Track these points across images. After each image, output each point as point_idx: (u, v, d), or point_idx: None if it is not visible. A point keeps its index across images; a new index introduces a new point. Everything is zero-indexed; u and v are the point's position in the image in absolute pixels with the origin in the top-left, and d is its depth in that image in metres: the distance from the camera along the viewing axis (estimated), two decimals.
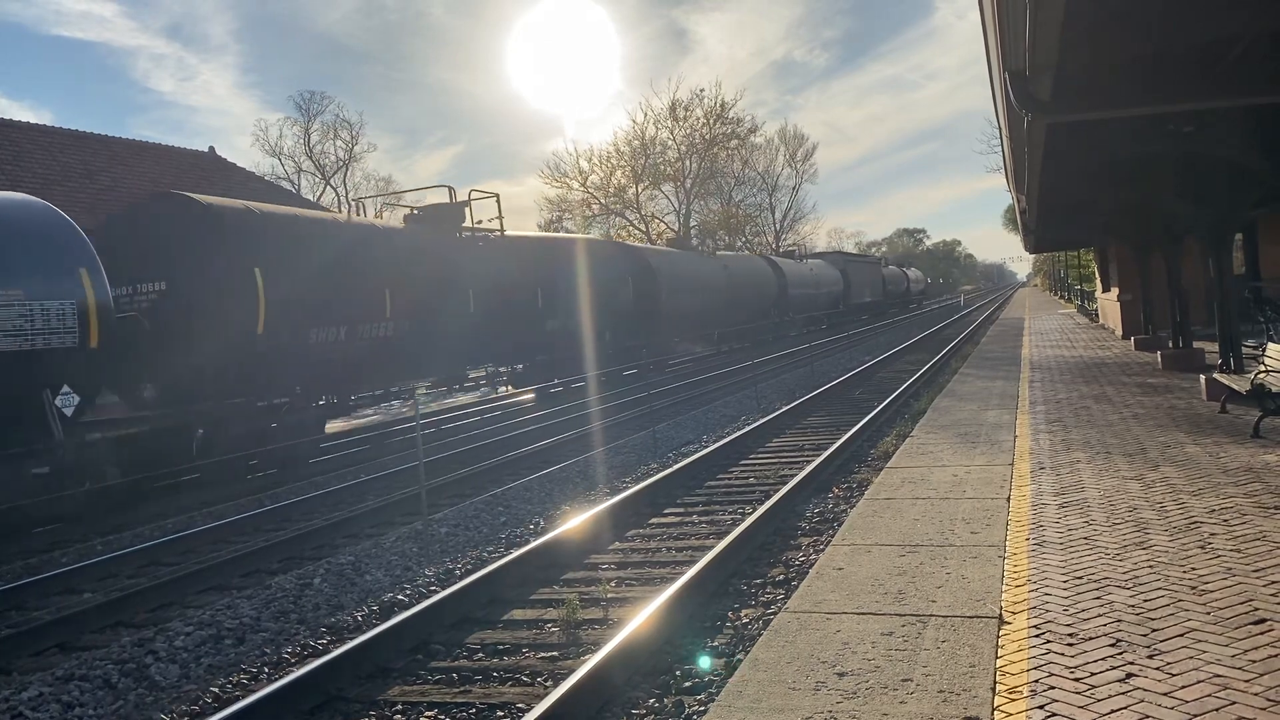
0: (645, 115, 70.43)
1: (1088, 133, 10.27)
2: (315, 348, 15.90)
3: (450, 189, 22.38)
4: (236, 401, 14.86)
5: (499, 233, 23.12)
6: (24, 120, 28.71)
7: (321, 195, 70.02)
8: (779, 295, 44.74)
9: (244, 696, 5.89)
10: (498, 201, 23.33)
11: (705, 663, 6.00)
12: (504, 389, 27.07)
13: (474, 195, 22.70)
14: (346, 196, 72.11)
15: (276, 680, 6.06)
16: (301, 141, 72.39)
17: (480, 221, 22.68)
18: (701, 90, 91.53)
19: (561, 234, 43.23)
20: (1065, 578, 5.65)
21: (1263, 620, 4.75)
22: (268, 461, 15.28)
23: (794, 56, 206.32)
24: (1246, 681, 4.08)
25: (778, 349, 36.83)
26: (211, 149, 34.42)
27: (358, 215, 21.31)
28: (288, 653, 7.09)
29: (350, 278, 16.72)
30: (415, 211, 21.88)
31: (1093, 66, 7.85)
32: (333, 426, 22.19)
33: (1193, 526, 6.56)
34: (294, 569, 9.42)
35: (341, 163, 73.39)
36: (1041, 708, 3.97)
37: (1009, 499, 7.80)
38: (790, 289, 45.84)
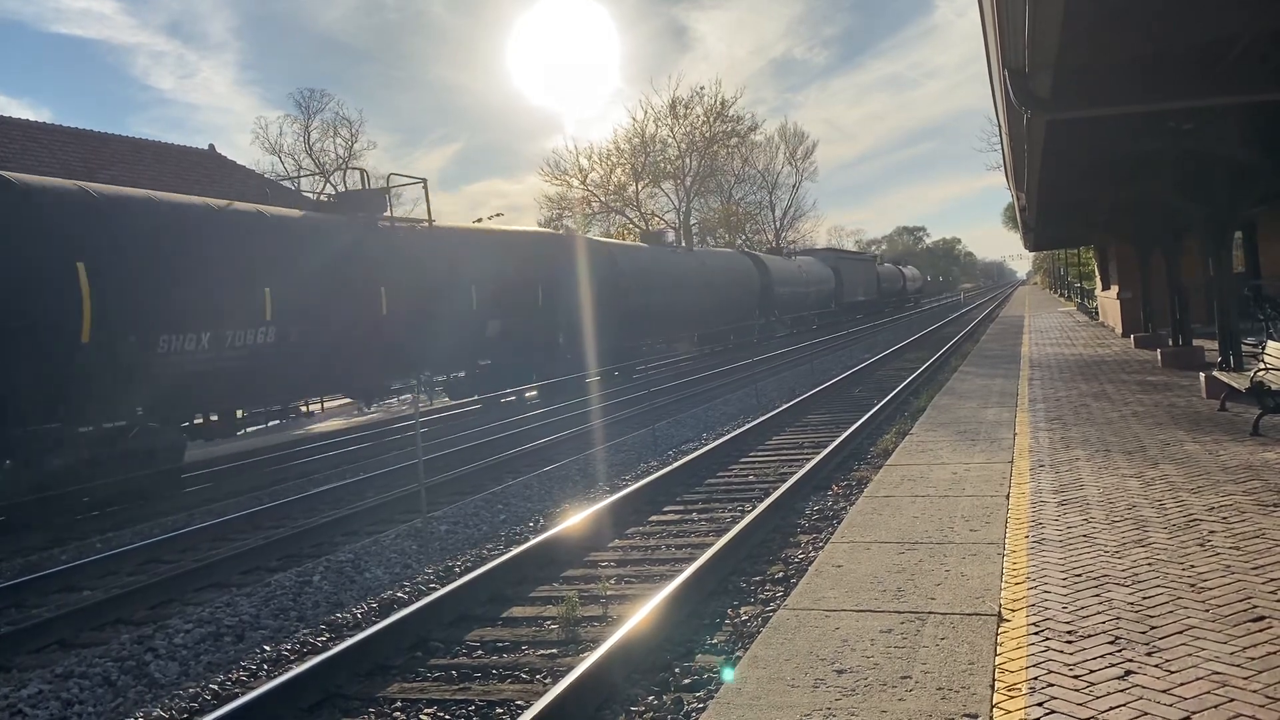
0: (645, 113, 70.77)
1: (1087, 130, 10.26)
2: (166, 359, 13.43)
3: (362, 172, 20.74)
4: (51, 427, 12.38)
5: (426, 223, 20.54)
6: (23, 118, 28.74)
7: (321, 193, 69.96)
8: (763, 294, 42.49)
9: (243, 694, 5.89)
10: (425, 187, 21.10)
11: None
12: (429, 401, 24.93)
13: (394, 180, 20.99)
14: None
15: (276, 677, 6.06)
16: (302, 139, 72.34)
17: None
18: (702, 88, 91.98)
19: (511, 227, 40.41)
20: (1064, 575, 5.65)
21: (1262, 618, 4.75)
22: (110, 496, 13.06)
23: (794, 54, 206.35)
24: (1245, 679, 4.08)
25: (760, 352, 34.78)
26: (211, 146, 34.45)
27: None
28: (287, 650, 7.09)
29: (220, 274, 14.35)
30: (324, 198, 19.77)
31: (1092, 64, 7.85)
32: (328, 426, 22.18)
33: (1192, 524, 6.56)
34: (294, 566, 9.43)
35: (342, 161, 73.31)
36: (1040, 705, 3.97)
37: (1008, 496, 7.80)
38: (776, 287, 43.71)
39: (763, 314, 42.93)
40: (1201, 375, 12.98)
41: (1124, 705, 3.91)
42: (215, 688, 6.41)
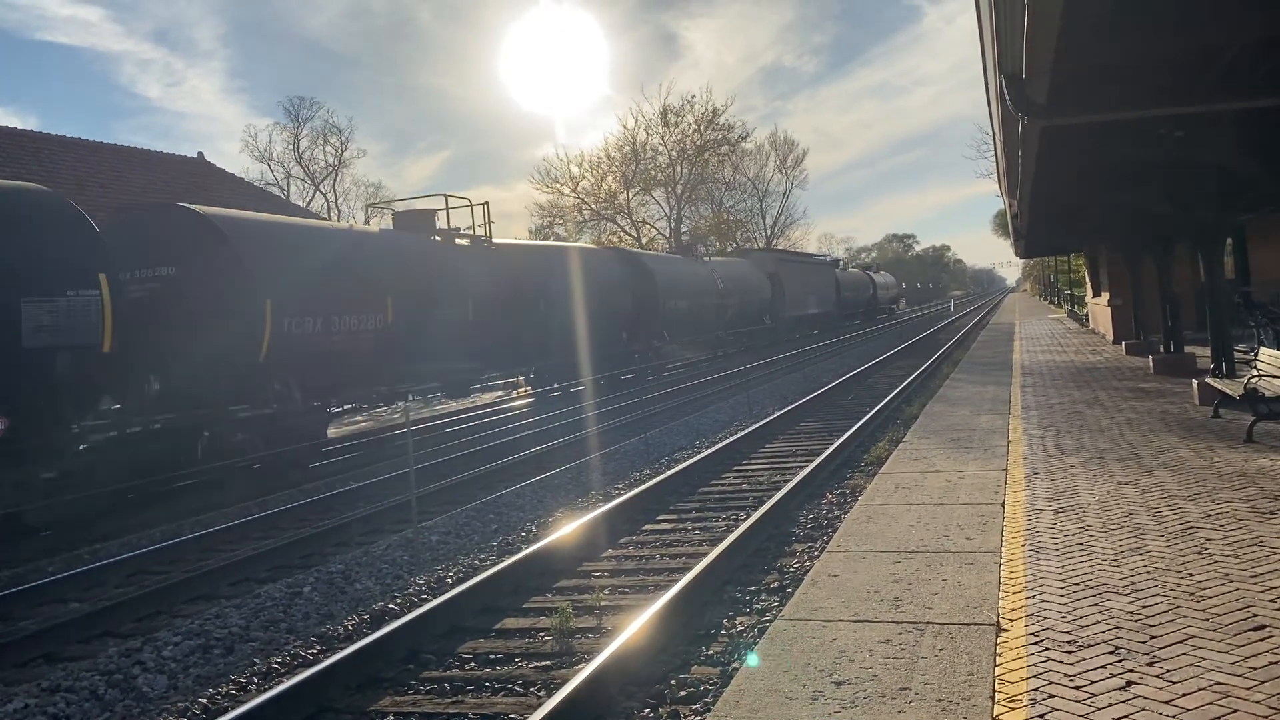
0: (636, 121, 70.64)
1: (1081, 137, 10.28)
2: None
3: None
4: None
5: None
6: (11, 126, 28.58)
7: (311, 201, 69.89)
8: (640, 308, 29.45)
9: (233, 708, 5.80)
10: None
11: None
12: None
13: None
14: (336, 202, 72.12)
15: (266, 691, 5.98)
16: (291, 147, 72.35)
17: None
18: (692, 96, 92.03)
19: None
20: (1062, 584, 5.61)
21: (1262, 626, 4.72)
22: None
23: (783, 62, 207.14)
24: (1248, 689, 4.04)
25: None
26: (200, 155, 34.33)
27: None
28: (277, 663, 7.00)
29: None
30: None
31: (1088, 70, 7.84)
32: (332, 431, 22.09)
33: (1189, 532, 6.53)
34: (283, 577, 9.34)
35: (331, 168, 73.37)
36: (1041, 716, 3.92)
37: (1004, 504, 7.76)
38: (666, 300, 30.94)
39: (640, 337, 29.97)
40: (1194, 382, 12.98)
41: (1126, 716, 3.86)
42: (204, 702, 6.33)
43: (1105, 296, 27.65)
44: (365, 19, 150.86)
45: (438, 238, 21.29)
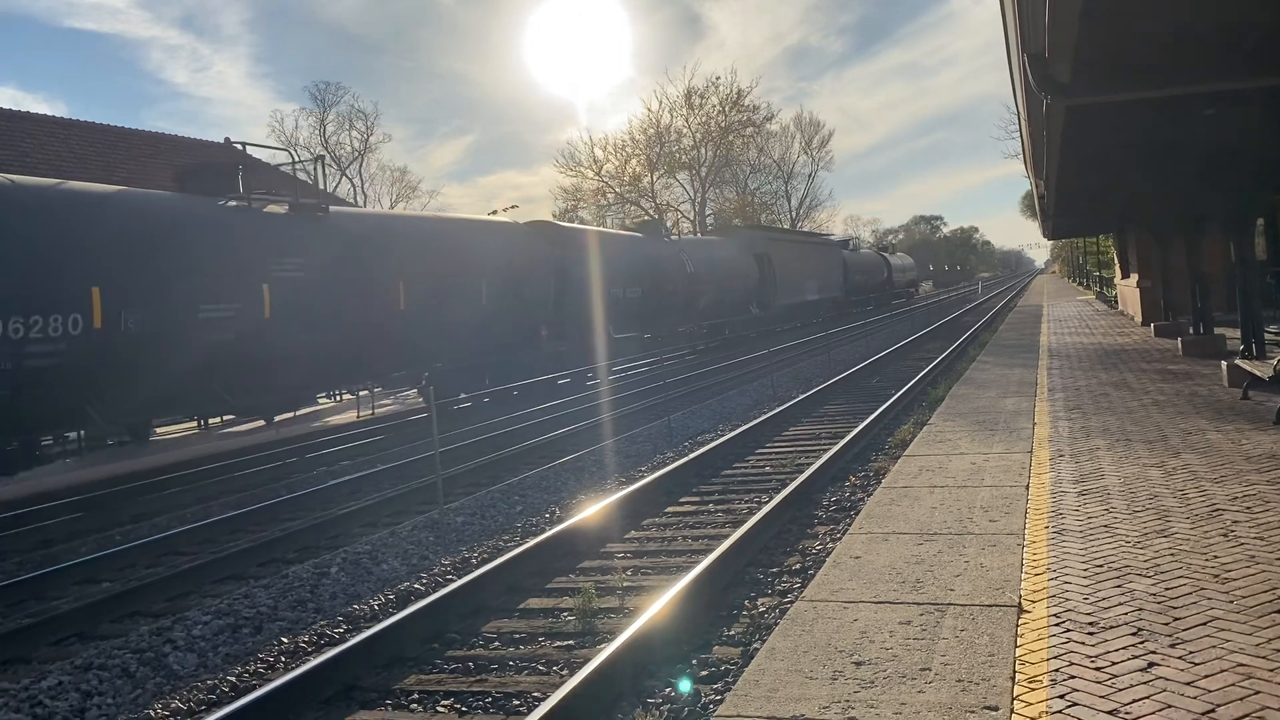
0: (660, 103, 70.32)
1: (1107, 116, 10.14)
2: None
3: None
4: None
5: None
6: (39, 112, 28.89)
7: (337, 186, 70.20)
8: (570, 298, 23.75)
9: (261, 685, 5.90)
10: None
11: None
12: None
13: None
14: (362, 187, 72.39)
15: (293, 669, 6.07)
16: (317, 132, 72.63)
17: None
18: (717, 78, 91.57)
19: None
20: (1085, 566, 5.59)
21: None
22: None
23: (809, 42, 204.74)
24: (1271, 671, 4.02)
25: None
26: (227, 140, 34.51)
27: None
28: (305, 641, 7.10)
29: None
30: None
31: (1112, 49, 7.74)
32: (341, 419, 22.28)
33: (1215, 514, 6.49)
34: (310, 558, 9.45)
35: (357, 153, 73.61)
36: (1062, 697, 3.92)
37: (1028, 487, 7.73)
38: (607, 286, 25.10)
39: (568, 335, 24.30)
40: (1223, 364, 12.84)
41: (1147, 698, 3.85)
42: (233, 680, 6.43)
43: (1134, 278, 27.37)
44: (388, 4, 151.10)
45: (233, 202, 16.10)
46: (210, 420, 21.76)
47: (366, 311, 17.20)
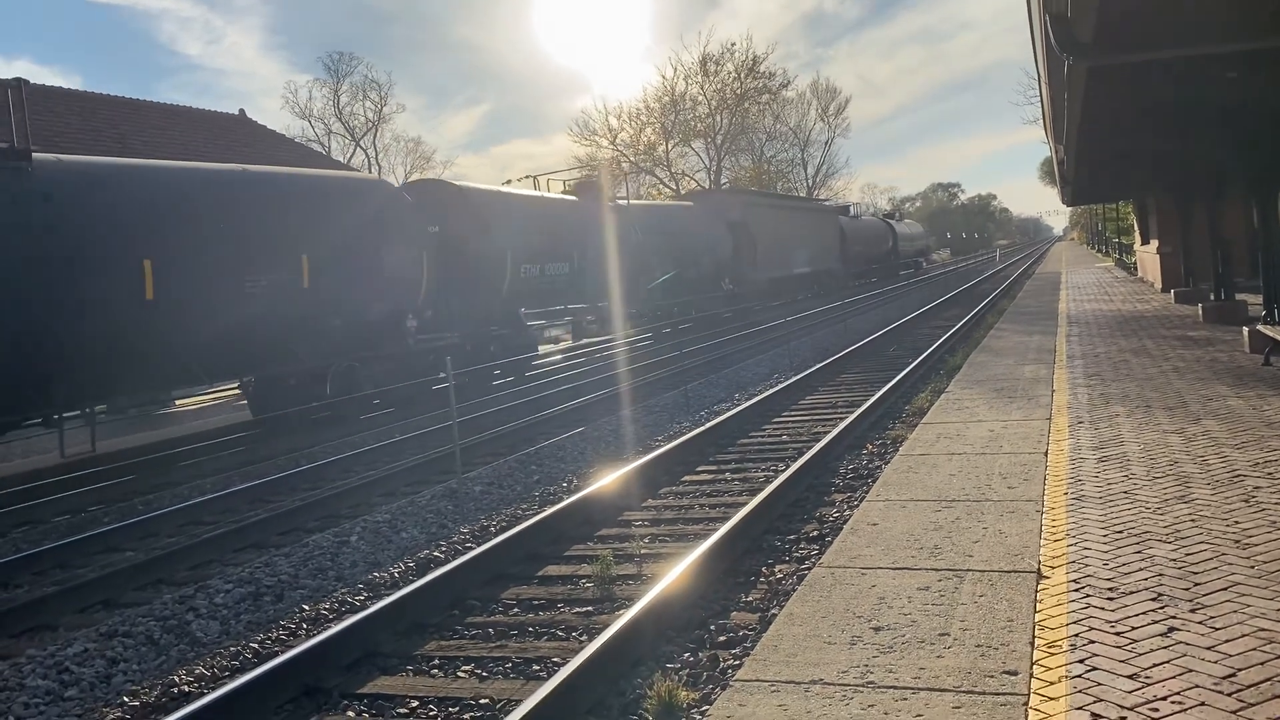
0: (675, 70, 69.78)
1: (1129, 78, 10.01)
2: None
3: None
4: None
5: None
6: (55, 85, 28.90)
7: (351, 157, 70.15)
8: (434, 278, 18.46)
9: (283, 652, 5.96)
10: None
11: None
12: None
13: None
14: (376, 158, 72.31)
15: (315, 636, 6.13)
16: (331, 103, 72.55)
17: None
18: (732, 44, 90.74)
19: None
20: (1105, 532, 5.57)
21: None
22: None
23: (825, 7, 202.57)
24: None
25: None
26: (242, 111, 34.50)
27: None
28: (326, 609, 7.17)
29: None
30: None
31: (1136, 8, 7.62)
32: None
33: (1236, 480, 6.45)
34: (331, 527, 9.52)
35: (371, 124, 73.50)
36: (1081, 661, 3.92)
37: (1047, 453, 7.70)
38: (512, 264, 20.72)
39: (463, 322, 20.10)
40: (1245, 330, 12.72)
41: (1168, 662, 3.85)
42: (256, 646, 6.50)
43: (1154, 244, 27.10)
44: None
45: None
46: None
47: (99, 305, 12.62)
